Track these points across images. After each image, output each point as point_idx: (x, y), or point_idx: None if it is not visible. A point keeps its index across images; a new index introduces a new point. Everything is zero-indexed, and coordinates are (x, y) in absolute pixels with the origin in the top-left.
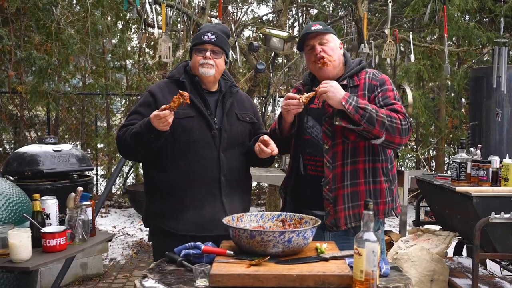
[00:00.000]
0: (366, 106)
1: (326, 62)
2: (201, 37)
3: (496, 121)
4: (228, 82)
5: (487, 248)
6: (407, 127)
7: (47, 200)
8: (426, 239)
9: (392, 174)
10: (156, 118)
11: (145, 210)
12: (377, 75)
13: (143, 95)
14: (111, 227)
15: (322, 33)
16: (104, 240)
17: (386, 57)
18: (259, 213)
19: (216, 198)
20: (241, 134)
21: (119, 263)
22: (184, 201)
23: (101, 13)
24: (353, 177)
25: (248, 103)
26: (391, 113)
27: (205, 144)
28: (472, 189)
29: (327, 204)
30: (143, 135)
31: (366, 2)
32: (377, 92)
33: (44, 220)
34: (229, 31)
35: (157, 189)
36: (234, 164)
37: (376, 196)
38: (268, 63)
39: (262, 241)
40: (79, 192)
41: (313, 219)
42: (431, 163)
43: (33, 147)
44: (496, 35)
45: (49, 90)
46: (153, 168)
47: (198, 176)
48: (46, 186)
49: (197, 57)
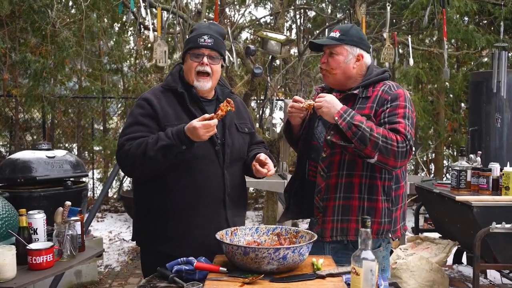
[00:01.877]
0: (360, 124)
1: (326, 74)
2: (196, 40)
3: (496, 126)
4: (226, 89)
5: (488, 258)
6: (405, 150)
7: (34, 214)
8: (425, 247)
9: (396, 195)
10: (205, 127)
11: (138, 232)
12: (393, 89)
13: (139, 104)
14: (107, 232)
15: (332, 44)
16: (93, 256)
17: (385, 61)
18: (254, 227)
19: (222, 218)
20: (242, 148)
21: (114, 270)
22: (188, 224)
23: (97, 15)
24: (347, 191)
25: (244, 111)
26: (389, 133)
27: (209, 161)
28: (472, 198)
29: (317, 213)
30: (175, 147)
31: (364, 5)
32: (386, 107)
33: (31, 236)
34: (225, 32)
35: (154, 211)
36: (237, 181)
37: (370, 214)
38: (265, 66)
39: (256, 258)
40: (67, 206)
41: (309, 234)
42: (430, 166)
43: (26, 153)
44: (496, 37)
45: (45, 93)
46: (151, 189)
47: (203, 196)
48: (39, 193)
49: (192, 63)
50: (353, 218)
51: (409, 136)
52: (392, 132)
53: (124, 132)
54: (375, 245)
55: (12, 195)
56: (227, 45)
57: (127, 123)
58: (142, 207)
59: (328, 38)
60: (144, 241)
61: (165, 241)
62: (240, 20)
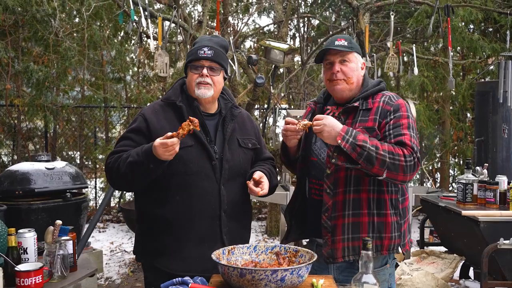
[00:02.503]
0: (364, 144)
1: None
2: (196, 53)
3: (503, 137)
4: (229, 102)
5: (496, 275)
6: (413, 163)
7: (25, 233)
8: (431, 262)
9: (403, 208)
10: (163, 147)
11: (137, 244)
12: (393, 99)
13: (136, 119)
14: (108, 243)
15: (345, 51)
16: (86, 276)
17: (389, 71)
18: (252, 245)
19: (215, 235)
20: (243, 164)
21: (115, 283)
22: (181, 239)
23: (99, 25)
24: (356, 207)
25: (249, 125)
26: (395, 148)
27: (205, 176)
28: (479, 213)
29: (325, 233)
30: (141, 164)
31: (368, 14)
32: (389, 118)
33: (20, 256)
34: (227, 44)
35: (151, 225)
36: (236, 197)
37: (381, 230)
38: (268, 76)
39: (253, 280)
40: (58, 225)
41: (309, 253)
42: (435, 176)
43: (25, 165)
44: (502, 46)
45: (47, 103)
46: (147, 201)
47: (197, 212)
48: (38, 205)
49: (193, 75)
50: (364, 236)
51: (416, 148)
52: (398, 146)
53: (115, 145)
54: (381, 262)
55: (10, 208)
56: (228, 55)
57: (120, 136)
58: (141, 221)
59: (337, 46)
60: (142, 256)
61: (160, 256)
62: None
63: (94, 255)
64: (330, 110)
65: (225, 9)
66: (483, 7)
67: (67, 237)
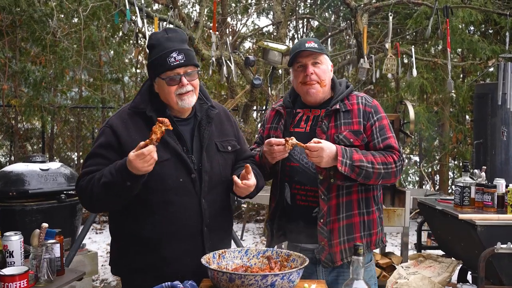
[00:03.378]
0: (361, 164)
1: (314, 86)
2: (166, 62)
3: (502, 139)
4: (205, 103)
5: (493, 279)
6: (401, 166)
7: (11, 236)
8: (428, 266)
9: (380, 202)
10: (140, 158)
11: (113, 261)
12: (369, 100)
13: (103, 131)
14: (105, 244)
15: (317, 52)
16: (73, 280)
17: (387, 72)
18: (243, 249)
19: (198, 251)
20: (223, 171)
21: (110, 285)
22: (160, 257)
23: (97, 25)
24: (348, 209)
25: (228, 125)
26: (386, 157)
27: (183, 192)
28: (476, 217)
29: (322, 238)
30: (117, 184)
31: (366, 15)
32: (373, 120)
33: (5, 260)
34: (186, 37)
35: (128, 244)
36: (217, 209)
37: (370, 227)
38: (266, 77)
39: (242, 285)
40: (44, 229)
41: (300, 257)
42: (434, 178)
43: (20, 166)
44: (502, 48)
45: (44, 103)
46: (123, 219)
47: (177, 230)
48: (32, 206)
49: (170, 87)
50: (357, 235)
51: (400, 149)
52: (388, 152)
53: (84, 164)
54: (368, 259)
55: (4, 209)
56: (225, 55)
57: (89, 153)
58: (117, 239)
59: (309, 48)
60: (118, 270)
61: (138, 275)
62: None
63: (89, 257)
64: (301, 113)
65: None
66: (482, 8)
67: (54, 240)
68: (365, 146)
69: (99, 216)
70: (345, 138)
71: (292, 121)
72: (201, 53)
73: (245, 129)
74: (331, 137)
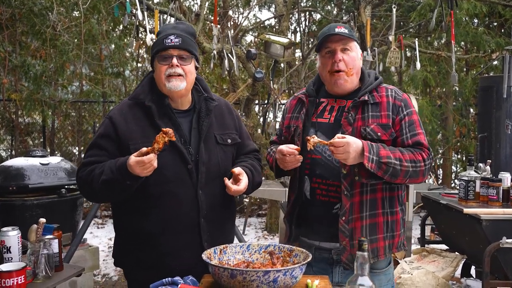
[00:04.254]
0: (389, 160)
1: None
2: (162, 42)
3: (507, 133)
4: (202, 94)
5: (498, 274)
6: (430, 165)
7: (8, 231)
8: (431, 260)
9: (405, 203)
10: (139, 165)
11: (116, 252)
12: (399, 93)
13: (103, 123)
14: (107, 239)
15: (347, 37)
16: (72, 275)
17: (391, 65)
18: (245, 244)
19: (195, 244)
20: (222, 163)
21: (112, 280)
22: (159, 250)
23: (97, 19)
24: (372, 207)
25: (229, 118)
26: (415, 155)
27: (180, 183)
28: (481, 211)
29: (343, 238)
30: (117, 182)
31: (369, 7)
32: (403, 115)
33: (2, 256)
34: (194, 31)
35: (128, 237)
36: (216, 201)
37: (393, 228)
38: (268, 70)
39: (244, 281)
40: (42, 224)
41: (304, 253)
42: (438, 172)
43: (19, 160)
44: (506, 40)
45: (45, 97)
46: (122, 212)
47: (174, 221)
48: (32, 201)
49: (161, 67)
50: (380, 236)
51: (429, 146)
52: (417, 150)
53: (85, 155)
54: (387, 262)
55: (4, 204)
56: (227, 48)
57: (89, 143)
58: (118, 232)
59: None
60: (120, 265)
61: (138, 268)
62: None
63: (90, 252)
64: (326, 102)
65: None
66: (487, 0)
67: (52, 236)
68: (392, 141)
69: (101, 211)
70: (373, 131)
71: (315, 110)
72: (202, 46)
73: (247, 123)
74: (358, 129)
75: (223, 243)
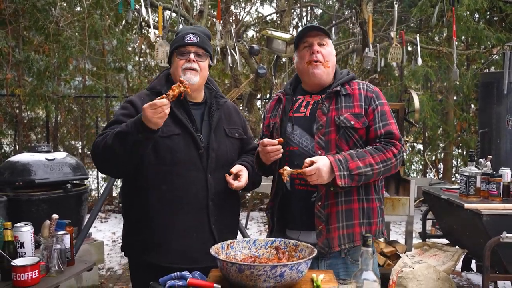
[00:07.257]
0: (359, 171)
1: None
2: (182, 39)
3: (507, 128)
4: (213, 91)
5: (498, 268)
6: (402, 157)
7: (21, 227)
8: (433, 254)
9: (382, 193)
10: (152, 108)
11: (125, 239)
12: (370, 86)
13: (123, 106)
14: (110, 233)
15: (323, 34)
16: (83, 270)
17: (392, 61)
18: (251, 239)
19: (204, 226)
20: (230, 153)
21: (116, 273)
22: (168, 230)
23: (100, 14)
24: (348, 194)
25: (236, 116)
26: (386, 153)
27: (191, 166)
28: (482, 206)
29: (319, 223)
30: (130, 135)
31: (371, 3)
32: (375, 105)
33: (17, 251)
34: (209, 33)
35: (138, 217)
36: (223, 187)
37: (370, 215)
38: (270, 66)
39: (251, 275)
40: (54, 220)
41: (308, 248)
42: (438, 166)
43: (25, 156)
44: (507, 36)
45: (48, 92)
46: (133, 193)
47: (184, 201)
48: (38, 196)
49: (179, 61)
50: (356, 222)
51: (400, 136)
52: (388, 145)
53: (103, 129)
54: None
55: (10, 199)
56: (230, 45)
57: (108, 123)
58: (127, 214)
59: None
60: (129, 250)
61: (148, 249)
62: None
63: (95, 246)
64: (302, 99)
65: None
66: None
67: (64, 231)
68: (366, 129)
69: (104, 205)
70: (346, 119)
71: (292, 107)
72: None
73: (249, 118)
74: (332, 119)
75: (230, 228)
